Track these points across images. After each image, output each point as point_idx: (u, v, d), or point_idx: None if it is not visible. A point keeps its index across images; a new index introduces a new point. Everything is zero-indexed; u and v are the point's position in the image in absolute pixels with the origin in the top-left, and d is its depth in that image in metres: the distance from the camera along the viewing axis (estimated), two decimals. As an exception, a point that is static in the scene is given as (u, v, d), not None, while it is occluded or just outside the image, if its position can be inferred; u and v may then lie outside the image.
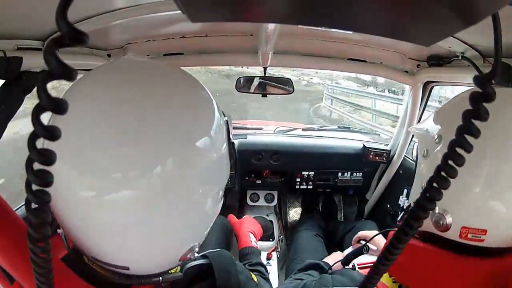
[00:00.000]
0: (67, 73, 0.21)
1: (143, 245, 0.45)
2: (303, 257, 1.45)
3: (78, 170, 0.39)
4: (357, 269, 0.86)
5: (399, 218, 0.76)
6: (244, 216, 1.35)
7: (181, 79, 0.50)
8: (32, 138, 0.24)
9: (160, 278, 0.52)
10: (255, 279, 0.76)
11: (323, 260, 1.15)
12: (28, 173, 0.25)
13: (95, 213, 0.41)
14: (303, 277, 0.82)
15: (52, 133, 0.23)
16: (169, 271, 0.56)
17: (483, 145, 0.51)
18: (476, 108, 0.29)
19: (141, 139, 0.40)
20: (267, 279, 0.95)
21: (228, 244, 1.66)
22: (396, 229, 0.57)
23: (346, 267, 0.93)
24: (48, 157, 0.24)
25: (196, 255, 0.55)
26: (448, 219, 0.57)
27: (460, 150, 0.31)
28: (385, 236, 0.96)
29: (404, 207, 0.74)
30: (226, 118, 0.55)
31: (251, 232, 1.22)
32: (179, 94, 0.47)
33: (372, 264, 0.40)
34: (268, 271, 1.55)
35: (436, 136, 0.63)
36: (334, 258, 1.15)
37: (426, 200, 0.34)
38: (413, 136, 1.66)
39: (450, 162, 0.32)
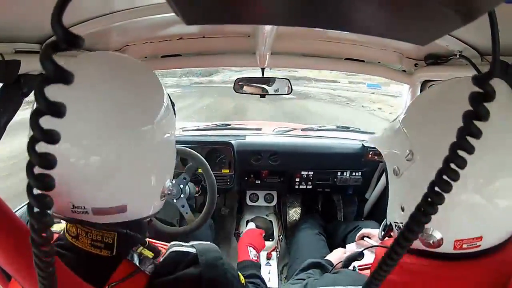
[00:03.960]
0: (64, 77, 0.22)
1: (136, 183, 0.58)
2: (305, 256, 1.44)
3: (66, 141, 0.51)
4: (357, 270, 0.86)
5: (381, 236, 0.72)
6: (247, 228, 1.44)
7: (143, 79, 0.62)
8: (32, 142, 0.24)
9: (137, 234, 0.61)
10: (243, 281, 0.74)
11: (326, 257, 1.15)
12: (29, 177, 0.25)
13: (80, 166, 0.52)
14: (304, 277, 0.82)
15: (51, 137, 0.23)
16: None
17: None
18: (477, 108, 0.29)
19: (102, 120, 0.53)
20: None
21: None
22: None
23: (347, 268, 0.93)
24: (48, 161, 0.24)
25: (186, 246, 0.67)
26: (437, 235, 0.53)
27: (462, 153, 0.30)
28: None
29: (386, 226, 0.69)
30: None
31: (250, 245, 1.22)
32: (135, 90, 0.58)
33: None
34: (268, 271, 1.56)
35: (407, 152, 0.56)
36: (336, 255, 1.15)
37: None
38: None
39: (452, 165, 0.31)
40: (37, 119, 0.23)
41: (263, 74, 1.55)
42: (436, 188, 0.33)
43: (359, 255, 0.86)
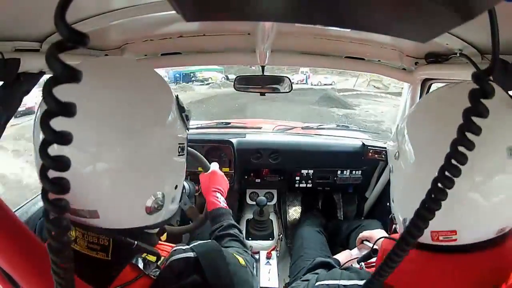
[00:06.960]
0: (73, 76, 0.21)
1: (109, 191, 0.55)
2: (310, 253, 1.44)
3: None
4: (364, 268, 0.86)
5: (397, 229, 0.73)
6: (211, 169, 1.17)
7: (150, 82, 0.62)
8: (44, 145, 0.23)
9: (136, 242, 0.60)
10: (242, 262, 0.75)
11: (334, 257, 1.15)
12: (44, 182, 0.24)
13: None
14: (310, 277, 0.82)
15: (64, 137, 0.23)
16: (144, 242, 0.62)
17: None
18: (475, 105, 0.29)
19: (108, 126, 0.53)
20: (240, 241, 0.93)
21: None
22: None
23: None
24: (64, 163, 0.23)
25: (186, 250, 0.66)
26: None
27: (462, 149, 0.31)
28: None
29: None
30: (186, 113, 0.66)
31: (217, 191, 1.10)
32: (142, 95, 0.58)
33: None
34: (268, 271, 1.56)
35: (396, 153, 0.62)
36: (344, 256, 1.15)
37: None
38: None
39: (453, 162, 0.32)
40: (48, 121, 0.22)
41: (263, 71, 1.55)
42: (439, 184, 0.33)
43: (373, 252, 0.86)
